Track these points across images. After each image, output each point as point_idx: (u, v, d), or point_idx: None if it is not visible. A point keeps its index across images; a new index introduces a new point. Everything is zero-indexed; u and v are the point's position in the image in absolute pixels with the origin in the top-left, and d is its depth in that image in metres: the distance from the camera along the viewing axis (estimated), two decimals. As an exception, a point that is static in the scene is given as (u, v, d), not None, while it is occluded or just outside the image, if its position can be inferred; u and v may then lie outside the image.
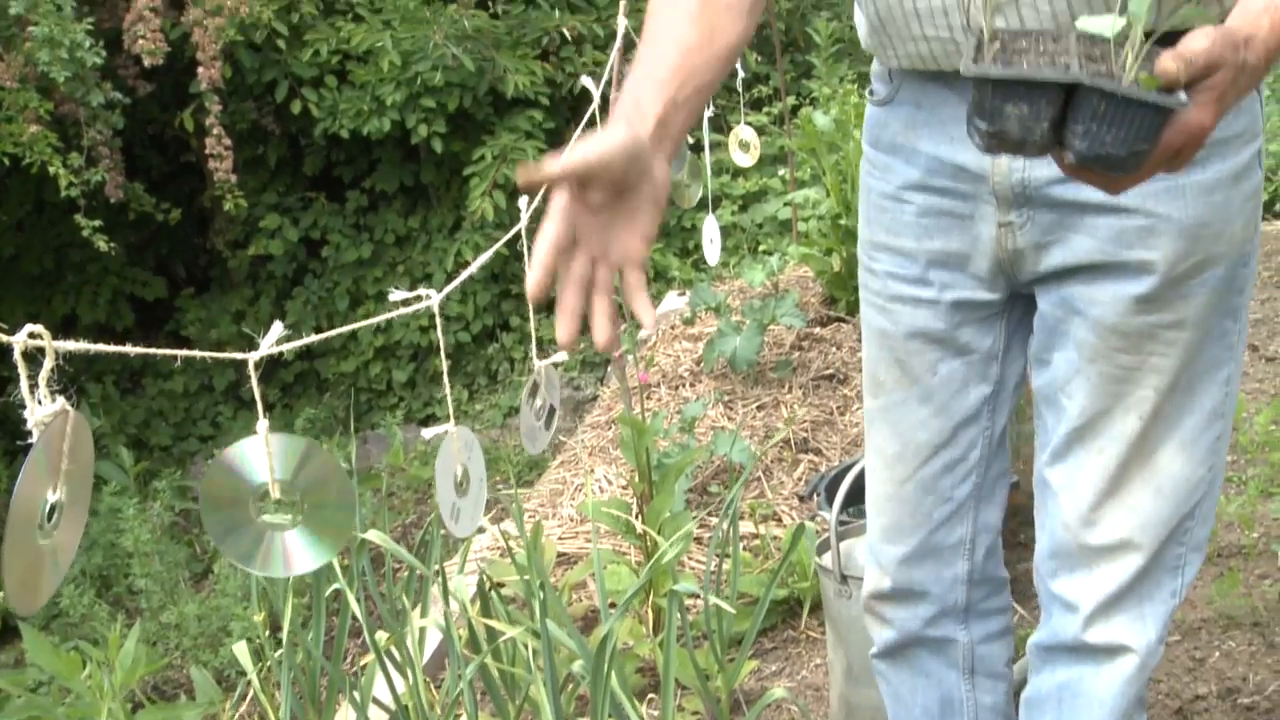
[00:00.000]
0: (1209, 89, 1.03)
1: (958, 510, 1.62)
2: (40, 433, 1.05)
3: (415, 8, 6.01)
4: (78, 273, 6.69)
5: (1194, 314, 1.38)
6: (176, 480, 5.66)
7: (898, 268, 1.54)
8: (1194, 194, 1.34)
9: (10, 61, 4.91)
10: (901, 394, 1.59)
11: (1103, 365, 1.42)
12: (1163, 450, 1.44)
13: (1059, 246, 1.40)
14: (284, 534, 1.28)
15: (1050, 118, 1.02)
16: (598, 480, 3.51)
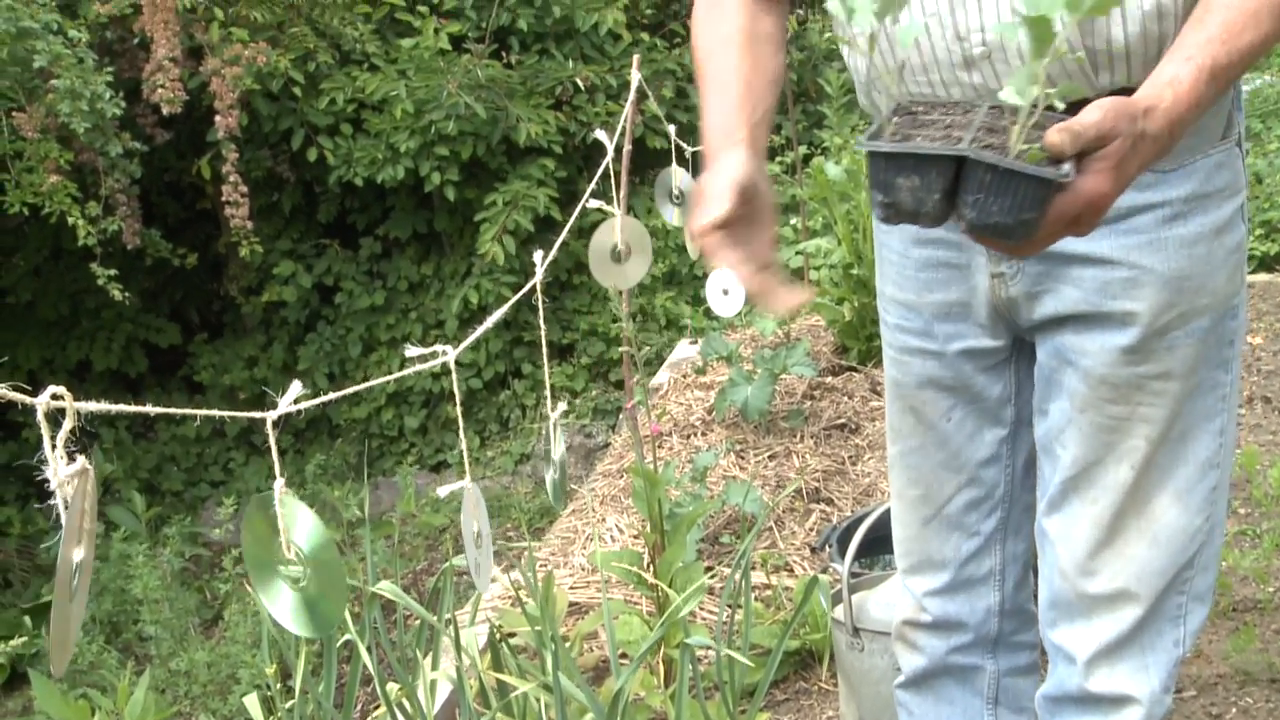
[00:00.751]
0: (1104, 158, 1.06)
1: (985, 544, 1.65)
2: (65, 495, 1.06)
3: (430, 58, 6.06)
4: (92, 319, 6.72)
5: (1180, 365, 1.41)
6: (187, 526, 5.66)
7: (904, 320, 1.59)
8: (1176, 247, 1.37)
9: (33, 113, 4.97)
10: (918, 440, 1.63)
11: (1093, 415, 1.44)
12: (1158, 500, 1.46)
13: (1050, 295, 1.43)
14: (291, 592, 1.30)
15: (941, 189, 1.06)
16: (609, 529, 3.50)
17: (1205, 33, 1.14)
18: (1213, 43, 1.13)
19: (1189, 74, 1.12)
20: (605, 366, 6.41)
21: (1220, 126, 1.38)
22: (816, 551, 3.08)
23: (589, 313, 6.49)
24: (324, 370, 6.66)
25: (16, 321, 6.70)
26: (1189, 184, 1.36)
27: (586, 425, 5.92)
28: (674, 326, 6.23)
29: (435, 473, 6.40)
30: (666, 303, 6.36)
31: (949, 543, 1.66)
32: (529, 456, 5.99)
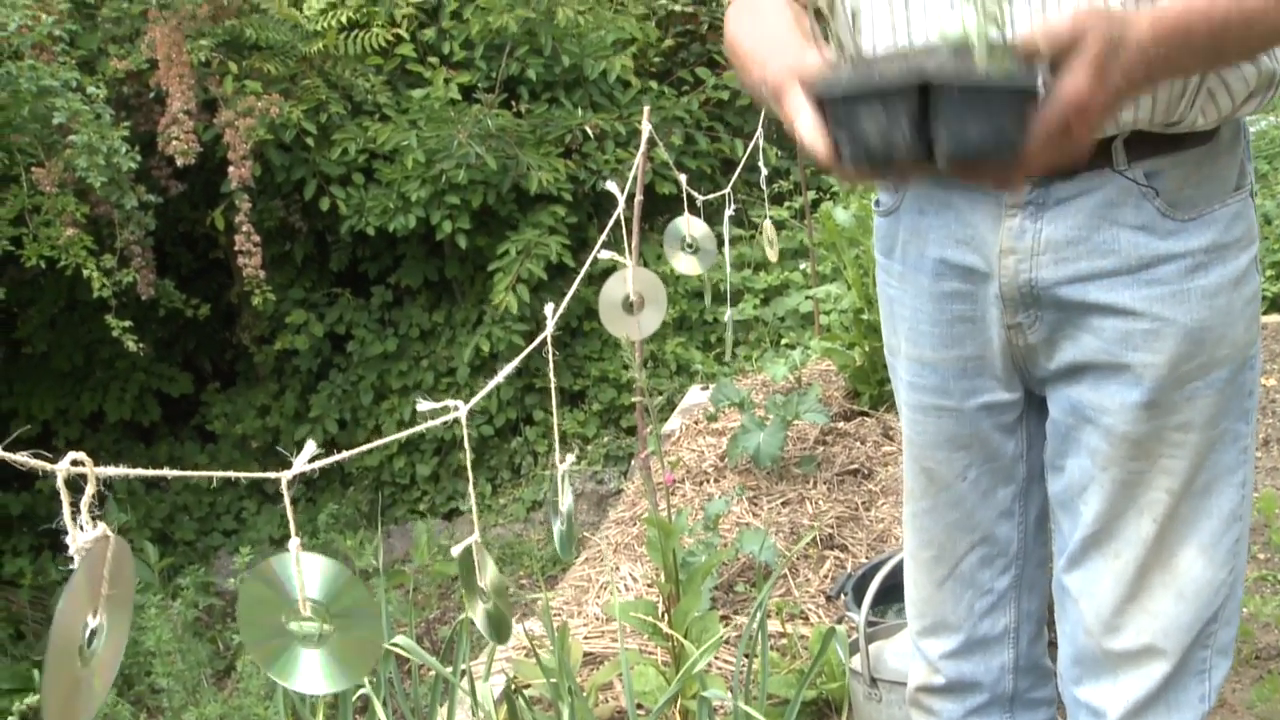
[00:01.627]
0: (1082, 56, 1.03)
1: (999, 601, 1.63)
2: (81, 559, 1.05)
3: (440, 108, 6.10)
4: (106, 369, 6.73)
5: (1200, 416, 1.39)
6: (200, 576, 5.64)
7: (918, 377, 1.57)
8: (1198, 298, 1.36)
9: (51, 168, 5.01)
10: (930, 501, 1.61)
11: (1115, 471, 1.43)
12: (1182, 554, 1.44)
13: (1069, 342, 1.41)
14: (310, 651, 1.28)
15: (910, 121, 0.99)
16: (623, 578, 3.48)
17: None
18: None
19: (1180, 5, 1.11)
20: (617, 413, 6.41)
21: (1235, 176, 1.38)
22: (832, 600, 3.06)
23: (600, 359, 6.49)
24: (336, 417, 6.66)
25: (31, 372, 6.74)
26: (1209, 234, 1.35)
27: (598, 472, 5.91)
28: (685, 372, 6.23)
29: (448, 520, 6.38)
30: (677, 348, 6.36)
31: (963, 602, 1.63)
32: (541, 503, 5.97)
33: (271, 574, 1.26)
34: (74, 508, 1.08)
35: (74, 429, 6.81)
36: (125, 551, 1.10)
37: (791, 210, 6.40)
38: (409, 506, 6.48)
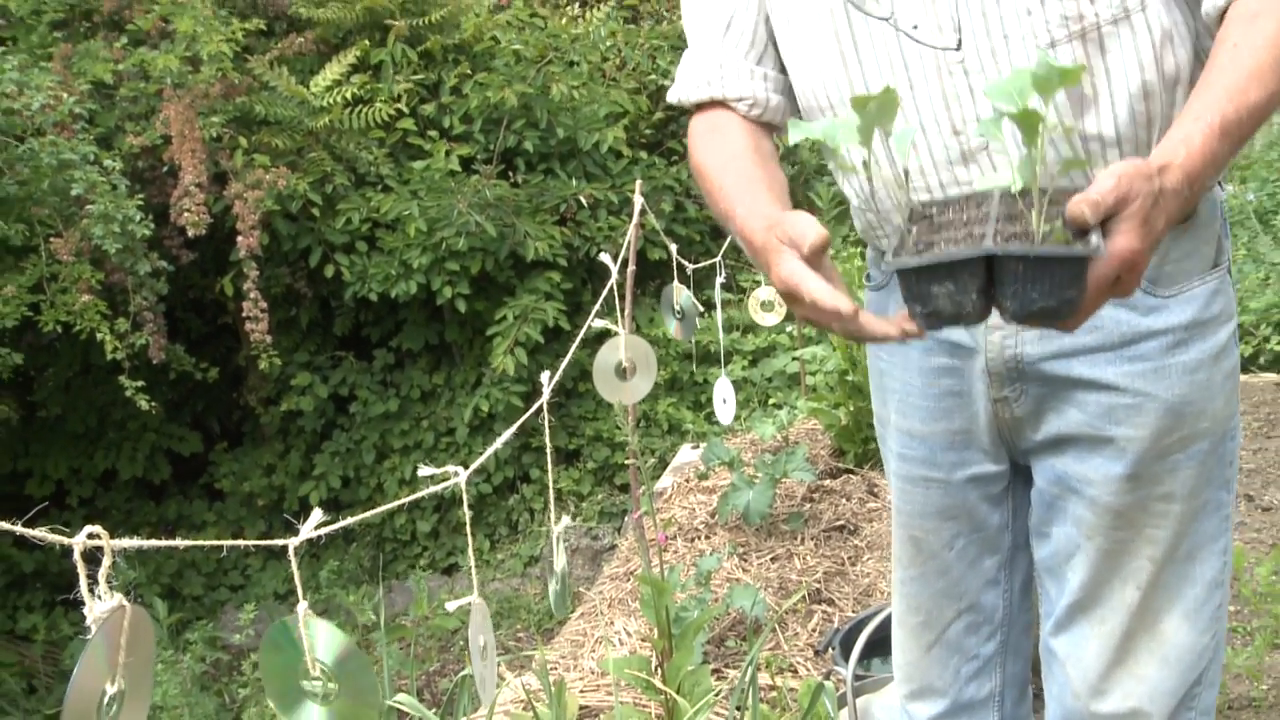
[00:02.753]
0: (1129, 218, 1.04)
1: (985, 666, 1.63)
2: (99, 627, 1.05)
3: (440, 178, 6.13)
4: (118, 429, 6.72)
5: (1182, 487, 1.39)
6: (208, 631, 5.61)
7: (907, 449, 1.57)
8: (1179, 374, 1.36)
9: (68, 238, 5.04)
10: (918, 569, 1.61)
11: (1100, 540, 1.42)
12: (1167, 620, 1.44)
13: (1054, 415, 1.41)
14: (319, 708, 1.28)
15: (977, 288, 1.02)
16: (617, 632, 3.46)
17: (1212, 94, 1.14)
18: (1219, 102, 1.12)
19: (1200, 131, 1.11)
20: (610, 471, 6.39)
21: (1213, 253, 1.38)
22: (820, 654, 3.04)
23: (594, 419, 6.49)
24: (339, 475, 6.63)
25: (46, 434, 6.72)
26: (1189, 310, 1.36)
27: (593, 528, 5.88)
28: (676, 431, 6.23)
29: (447, 575, 6.35)
30: (669, 409, 6.36)
31: (949, 667, 1.62)
32: (537, 559, 5.94)
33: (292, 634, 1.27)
34: (90, 578, 1.08)
35: (87, 487, 6.78)
36: (144, 620, 1.09)
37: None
38: (409, 562, 6.44)
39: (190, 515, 6.86)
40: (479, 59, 6.61)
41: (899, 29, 1.32)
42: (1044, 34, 1.27)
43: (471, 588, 1.64)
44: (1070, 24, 1.26)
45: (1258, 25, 1.16)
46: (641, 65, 7.12)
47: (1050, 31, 1.26)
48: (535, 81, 6.42)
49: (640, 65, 7.12)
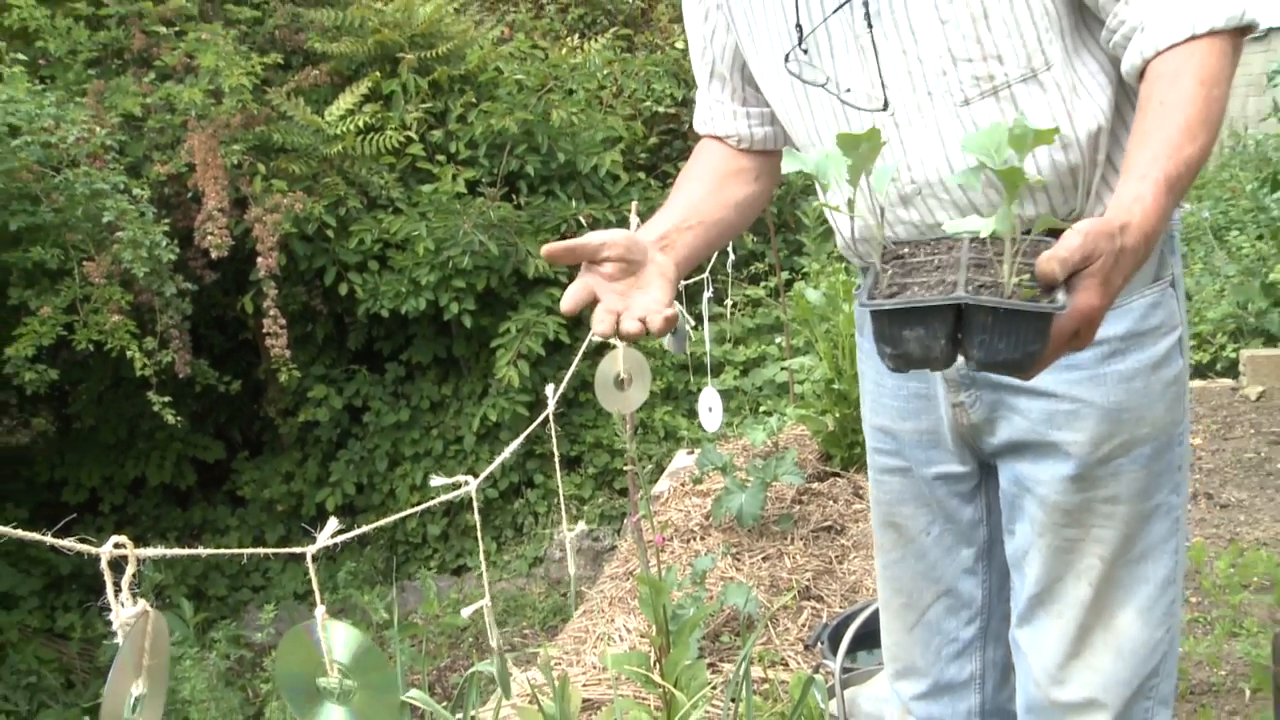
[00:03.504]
0: (1091, 275, 1.05)
1: (965, 649, 1.63)
2: (125, 634, 1.05)
3: (448, 201, 6.14)
4: (147, 440, 6.71)
5: (1126, 490, 1.40)
6: (231, 630, 5.60)
7: (882, 444, 1.60)
8: (1114, 382, 1.37)
9: (100, 261, 5.05)
10: (899, 553, 1.62)
11: (1050, 538, 1.44)
12: (1121, 616, 1.44)
13: (1004, 422, 1.43)
14: (339, 708, 1.27)
15: (946, 335, 1.02)
16: (618, 629, 3.46)
17: (1151, 151, 1.15)
18: (1159, 159, 1.14)
19: (1149, 189, 1.12)
20: (610, 476, 6.39)
21: (1153, 269, 1.38)
22: (810, 648, 3.04)
23: (595, 427, 6.48)
24: (353, 482, 6.62)
25: (81, 444, 6.73)
26: (1125, 323, 1.36)
27: (594, 530, 5.88)
28: (671, 438, 6.22)
29: (456, 575, 6.34)
30: (665, 417, 6.36)
31: (930, 648, 1.64)
32: (542, 559, 5.93)
33: (307, 638, 1.26)
34: (117, 585, 1.08)
35: (118, 494, 6.78)
36: (161, 624, 1.09)
37: (767, 289, 6.43)
38: (421, 563, 6.43)
39: (214, 520, 6.85)
40: (483, 88, 6.62)
41: (833, 93, 1.37)
42: (959, 92, 1.30)
43: (484, 590, 1.64)
44: (982, 83, 1.29)
45: (1179, 84, 1.18)
46: (637, 93, 7.14)
47: (964, 90, 1.29)
48: (536, 109, 6.44)
49: (636, 93, 7.13)
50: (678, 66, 7.38)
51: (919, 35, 1.29)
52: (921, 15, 1.28)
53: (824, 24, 1.34)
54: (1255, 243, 5.59)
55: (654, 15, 7.97)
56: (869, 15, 1.30)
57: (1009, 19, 1.26)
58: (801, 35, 1.36)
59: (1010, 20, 1.26)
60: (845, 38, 1.33)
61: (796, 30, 1.37)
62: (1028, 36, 1.27)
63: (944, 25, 1.27)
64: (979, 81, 1.28)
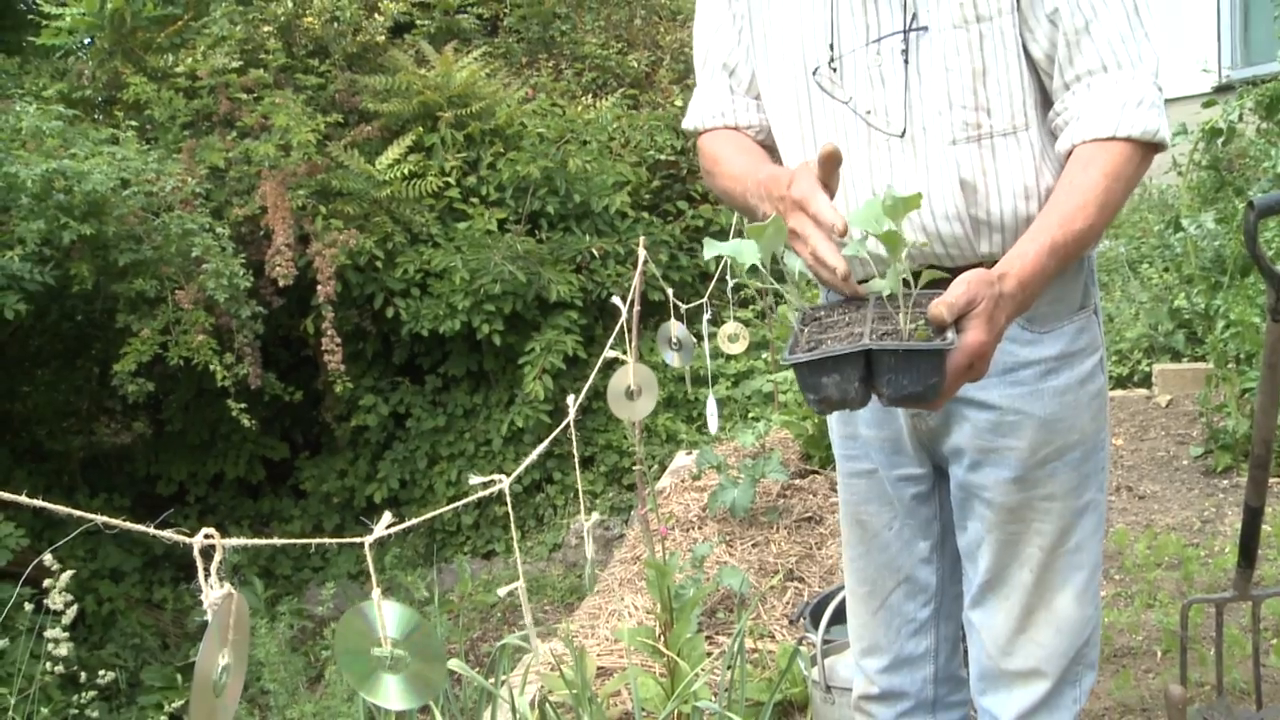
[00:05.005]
0: (977, 316, 1.08)
1: (921, 628, 1.63)
2: (213, 612, 1.05)
3: (480, 237, 6.16)
4: (225, 441, 6.73)
5: (1061, 488, 1.41)
6: (295, 604, 5.60)
7: (848, 450, 1.59)
8: (1050, 396, 1.38)
9: (189, 290, 5.09)
10: (864, 547, 1.62)
11: (998, 534, 1.44)
12: (1060, 599, 1.45)
13: (956, 429, 1.43)
14: (392, 676, 1.27)
15: (858, 378, 1.03)
16: (627, 606, 3.45)
17: (1048, 219, 1.19)
18: (1052, 228, 1.18)
19: (1033, 250, 1.16)
20: (619, 473, 6.38)
21: (1079, 298, 1.40)
22: (793, 623, 3.04)
23: (606, 431, 6.48)
24: (398, 478, 6.62)
25: (171, 444, 6.78)
26: (1059, 344, 1.38)
27: (605, 520, 5.87)
28: (673, 441, 6.22)
29: (486, 559, 6.33)
30: (667, 422, 6.35)
31: (891, 628, 1.63)
32: (560, 546, 5.93)
33: (365, 615, 1.26)
34: (206, 571, 1.09)
35: (201, 487, 6.80)
36: (244, 605, 1.10)
37: (755, 311, 6.43)
38: (456, 548, 6.42)
39: (280, 510, 6.86)
40: (510, 140, 6.64)
41: (855, 111, 1.35)
42: (948, 133, 1.30)
43: (518, 574, 1.64)
44: (969, 129, 1.29)
45: (1089, 172, 1.21)
46: (642, 143, 7.15)
47: (954, 131, 1.30)
48: (556, 157, 6.46)
49: (640, 143, 7.15)
50: (676, 121, 7.39)
51: (925, 78, 1.29)
52: (931, 62, 1.29)
53: (852, 52, 1.33)
54: (1163, 274, 5.61)
55: (656, 78, 7.99)
56: (906, 53, 1.30)
57: (1002, 80, 1.28)
58: (833, 55, 1.35)
59: (1004, 81, 1.28)
60: (869, 66, 1.32)
61: (830, 50, 1.35)
62: (1014, 99, 1.29)
63: (948, 73, 1.28)
64: (967, 126, 1.29)
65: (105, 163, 4.81)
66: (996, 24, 1.26)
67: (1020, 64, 1.28)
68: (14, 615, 3.73)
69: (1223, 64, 7.89)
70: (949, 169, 1.30)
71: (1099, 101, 1.23)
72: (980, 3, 1.26)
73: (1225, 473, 3.87)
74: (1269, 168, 4.77)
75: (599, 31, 8.03)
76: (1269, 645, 2.64)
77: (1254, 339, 3.89)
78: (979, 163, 1.30)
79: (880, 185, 1.34)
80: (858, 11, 1.32)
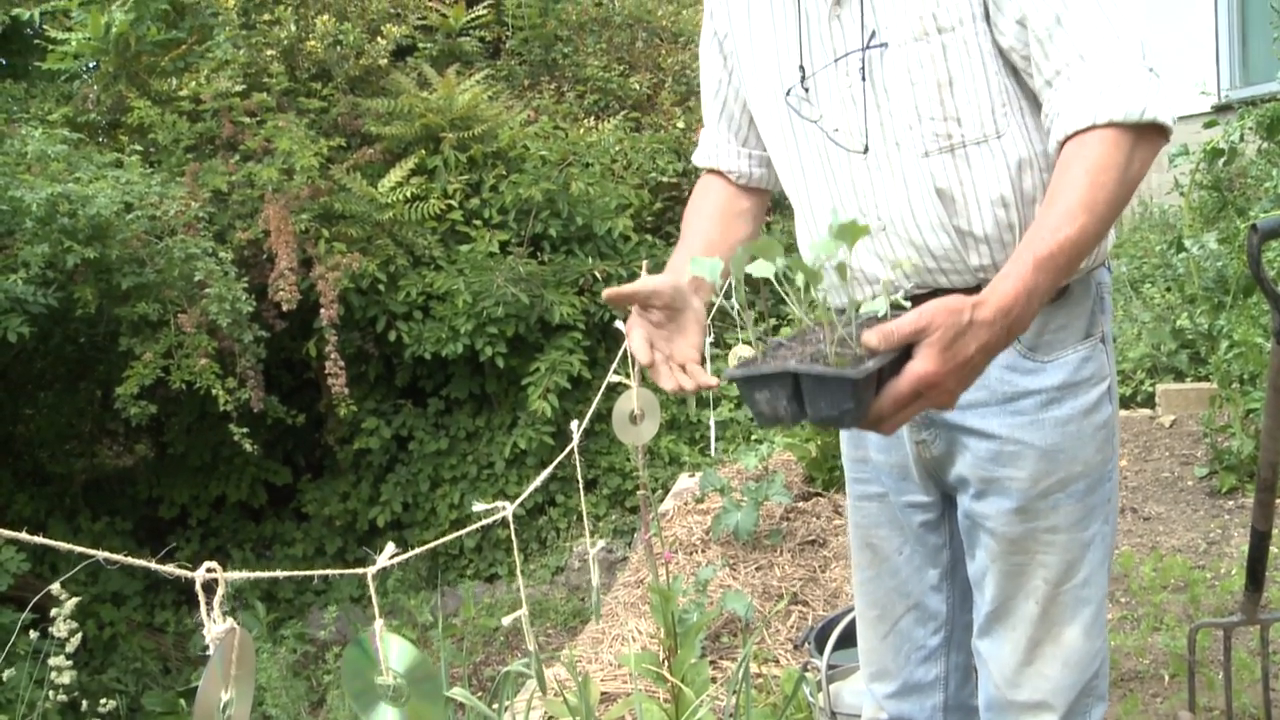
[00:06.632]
0: (929, 345, 1.05)
1: (931, 655, 1.62)
2: (216, 646, 1.05)
3: (482, 259, 6.16)
4: (228, 464, 6.71)
5: (1064, 520, 1.38)
6: (297, 628, 5.58)
7: (859, 474, 1.58)
8: (1051, 426, 1.35)
9: (191, 314, 5.10)
10: (874, 571, 1.61)
11: (1002, 564, 1.42)
12: (1068, 632, 1.43)
13: (959, 458, 1.42)
14: (392, 708, 1.27)
15: (787, 396, 1.05)
16: (631, 631, 3.43)
17: (1033, 233, 1.14)
18: (1035, 241, 1.12)
19: (1015, 271, 1.11)
20: (622, 496, 6.36)
21: (1084, 327, 1.37)
22: (798, 648, 3.02)
23: (609, 453, 6.46)
24: (400, 501, 6.60)
25: (173, 467, 6.76)
26: (1062, 374, 1.35)
27: (609, 543, 5.85)
28: (676, 463, 6.20)
29: (489, 583, 6.30)
30: (669, 444, 6.34)
31: (901, 653, 1.62)
32: (563, 569, 5.90)
33: (368, 648, 1.25)
34: (208, 605, 1.08)
35: (203, 510, 6.78)
36: (247, 639, 1.09)
37: (758, 334, 6.43)
38: (458, 571, 6.39)
39: (282, 533, 6.83)
40: (513, 162, 6.66)
41: (824, 130, 1.36)
42: (920, 145, 1.30)
43: (521, 601, 1.63)
44: (940, 140, 1.29)
45: (1070, 172, 1.16)
46: (644, 165, 7.17)
47: (925, 144, 1.29)
48: (558, 180, 6.47)
49: (642, 165, 7.17)
50: (678, 143, 7.42)
51: (891, 93, 1.29)
52: (895, 76, 1.28)
53: (822, 70, 1.34)
54: (1165, 294, 5.61)
55: (658, 100, 8.02)
56: (864, 70, 1.30)
57: (970, 89, 1.27)
58: (804, 75, 1.36)
59: (971, 90, 1.27)
60: (837, 84, 1.33)
61: (799, 70, 1.36)
62: (983, 107, 1.27)
63: (913, 87, 1.28)
64: (939, 138, 1.28)
65: (109, 186, 4.83)
66: (959, 34, 1.26)
67: (987, 71, 1.27)
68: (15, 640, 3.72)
69: (1222, 84, 7.91)
70: (924, 181, 1.30)
71: (1076, 93, 1.19)
72: (940, 14, 1.25)
73: (1230, 493, 3.85)
74: (1270, 188, 4.78)
75: (601, 54, 8.07)
76: (1278, 669, 2.62)
77: (1258, 359, 3.88)
78: (954, 173, 1.29)
79: (865, 203, 1.35)
80: (824, 31, 1.33)
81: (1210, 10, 7.95)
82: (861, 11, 1.30)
